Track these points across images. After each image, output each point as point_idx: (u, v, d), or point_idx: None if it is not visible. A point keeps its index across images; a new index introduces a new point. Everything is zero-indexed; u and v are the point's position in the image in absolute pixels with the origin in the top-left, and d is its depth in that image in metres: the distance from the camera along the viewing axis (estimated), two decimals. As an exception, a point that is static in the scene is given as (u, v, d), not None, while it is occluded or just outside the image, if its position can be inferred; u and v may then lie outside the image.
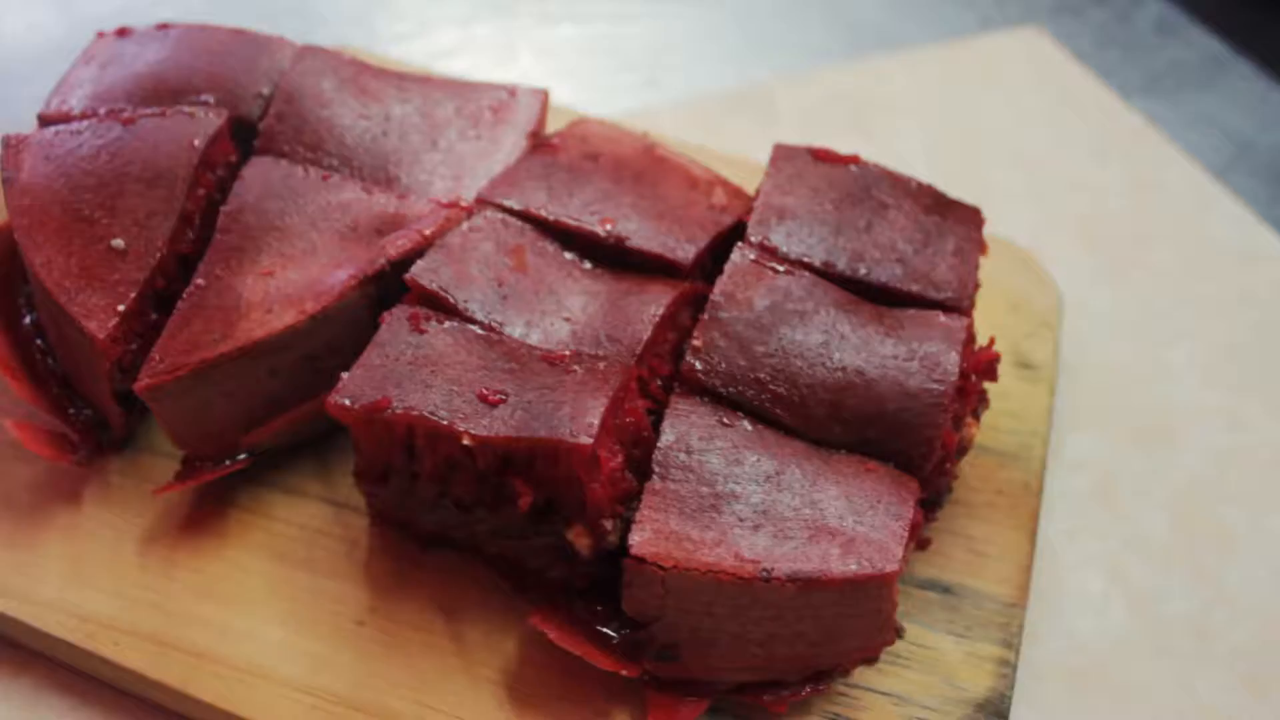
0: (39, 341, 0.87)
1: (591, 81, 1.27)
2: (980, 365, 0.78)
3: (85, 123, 0.87)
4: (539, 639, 0.77)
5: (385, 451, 0.73)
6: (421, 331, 0.76)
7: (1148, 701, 0.83)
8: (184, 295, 0.79)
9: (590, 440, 0.68)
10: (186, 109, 0.87)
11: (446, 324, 0.76)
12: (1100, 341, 1.05)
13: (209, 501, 0.83)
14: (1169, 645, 0.86)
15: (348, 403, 0.71)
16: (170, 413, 0.77)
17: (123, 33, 0.96)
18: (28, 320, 0.88)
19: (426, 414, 0.70)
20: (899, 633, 0.76)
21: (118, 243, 0.81)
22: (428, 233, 0.81)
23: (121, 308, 0.78)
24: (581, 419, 0.69)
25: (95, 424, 0.83)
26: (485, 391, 0.72)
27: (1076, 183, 1.18)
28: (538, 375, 0.74)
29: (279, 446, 0.83)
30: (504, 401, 0.71)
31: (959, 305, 0.81)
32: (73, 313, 0.78)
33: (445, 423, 0.70)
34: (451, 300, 0.78)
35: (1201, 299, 1.08)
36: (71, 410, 0.84)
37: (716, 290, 0.78)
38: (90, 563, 0.80)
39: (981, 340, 0.84)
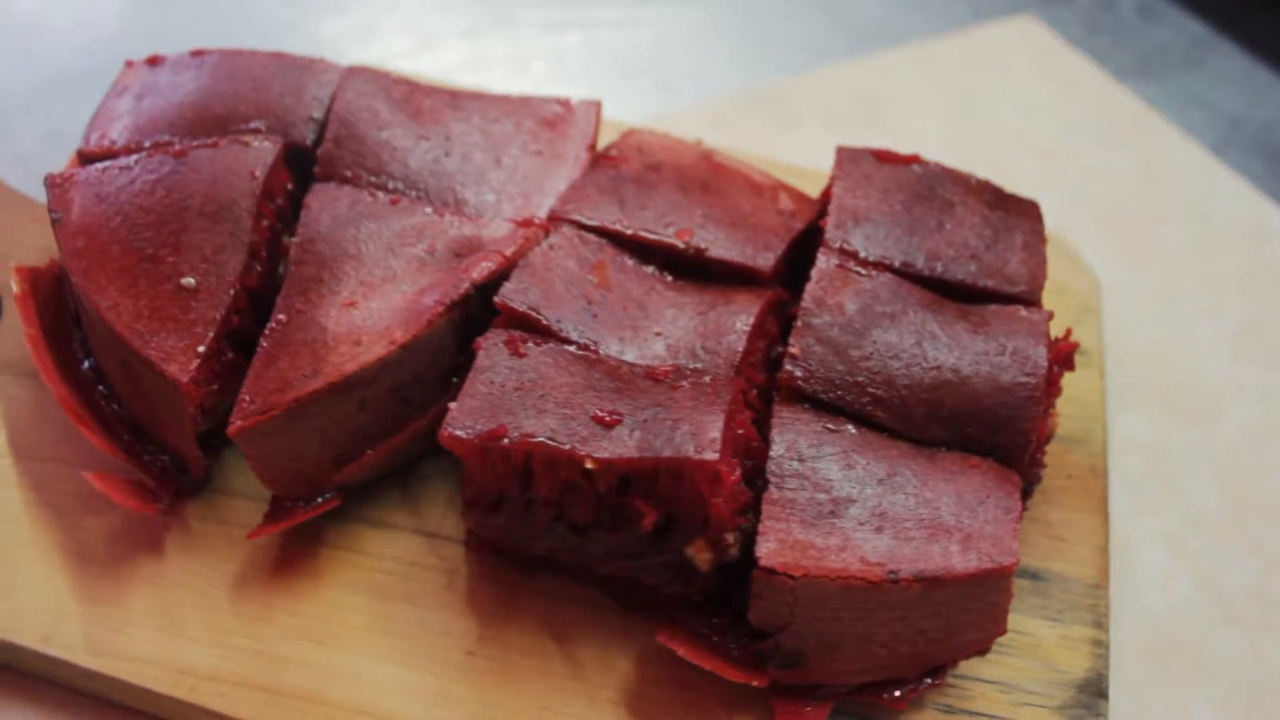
0: (100, 387, 0.84)
1: (604, 88, 1.27)
2: (1060, 355, 0.80)
3: (133, 158, 0.85)
4: (653, 656, 0.77)
5: (499, 481, 0.72)
6: (521, 355, 0.75)
7: (1222, 671, 0.86)
8: (266, 332, 0.77)
9: (716, 456, 0.68)
10: (240, 138, 0.85)
11: (544, 346, 0.76)
12: (1129, 323, 1.08)
13: (297, 541, 0.81)
14: (1235, 614, 0.89)
15: (462, 434, 0.70)
16: (262, 454, 0.76)
17: (154, 61, 0.93)
18: (85, 365, 0.85)
19: (546, 441, 0.70)
20: (1004, 622, 0.77)
21: (188, 281, 0.79)
22: (509, 253, 0.80)
23: (201, 348, 0.76)
24: (703, 435, 0.70)
25: (172, 469, 0.81)
26: (599, 413, 0.71)
27: (1089, 168, 1.21)
28: (645, 393, 0.73)
29: (363, 480, 0.82)
30: (619, 422, 0.71)
31: (1032, 298, 0.83)
32: (149, 356, 0.76)
33: (566, 448, 0.69)
34: (544, 321, 0.77)
35: (1219, 276, 1.12)
36: (146, 457, 0.81)
37: (806, 297, 0.79)
38: (182, 613, 0.78)
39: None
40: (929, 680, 0.75)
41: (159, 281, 0.79)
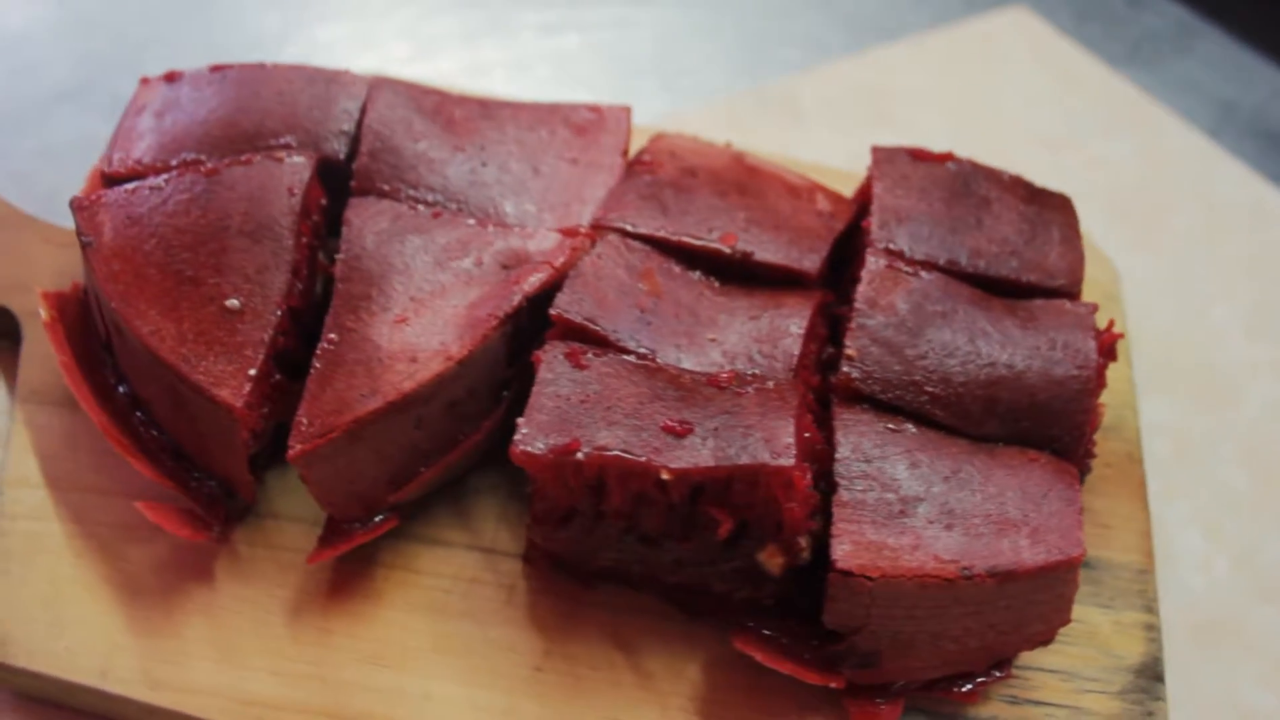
0: (138, 414, 0.82)
1: (607, 90, 1.27)
2: (1104, 347, 0.82)
3: (162, 178, 0.83)
4: (721, 662, 0.77)
5: (570, 495, 0.72)
6: (583, 367, 0.75)
7: (1265, 647, 0.88)
8: (318, 352, 0.76)
9: (791, 462, 0.69)
10: (273, 154, 0.83)
11: (605, 356, 0.75)
12: (1145, 310, 1.10)
13: (350, 563, 0.80)
14: (1273, 591, 0.91)
15: (535, 450, 0.70)
16: (321, 477, 0.75)
17: (171, 77, 0.92)
18: (120, 391, 0.83)
19: (620, 453, 0.69)
20: (1063, 612, 0.79)
21: (232, 302, 0.77)
22: (558, 264, 0.79)
23: (253, 371, 0.75)
24: (777, 441, 0.70)
25: (220, 495, 0.79)
26: (670, 423, 0.71)
27: (1094, 159, 1.23)
28: (711, 401, 0.73)
29: (416, 498, 0.81)
30: (691, 431, 0.71)
31: (1073, 291, 0.84)
32: (198, 382, 0.74)
33: (642, 460, 0.69)
34: (602, 331, 0.77)
35: (1227, 259, 1.15)
36: (192, 484, 0.80)
37: (859, 298, 0.79)
38: (240, 642, 0.77)
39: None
40: (996, 673, 0.76)
41: (202, 304, 0.78)
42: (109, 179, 0.86)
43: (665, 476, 0.69)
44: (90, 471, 0.84)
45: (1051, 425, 0.77)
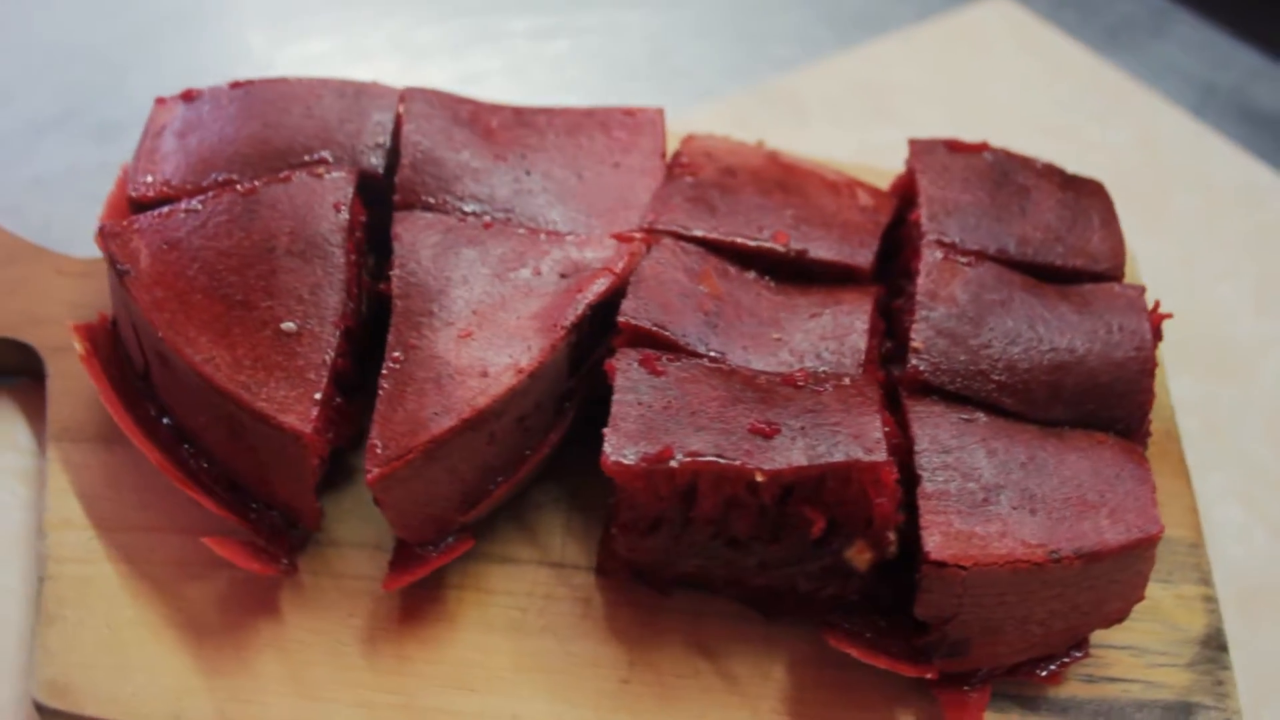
0: (186, 447, 0.80)
1: (604, 94, 1.26)
2: (1154, 327, 0.83)
3: (196, 200, 0.81)
4: (806, 661, 0.78)
5: (659, 503, 0.71)
6: (659, 373, 0.74)
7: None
8: (385, 372, 0.75)
9: (884, 457, 0.69)
10: (313, 170, 0.81)
11: (679, 361, 0.75)
12: (1155, 290, 1.12)
13: (420, 587, 0.79)
14: (1311, 559, 0.94)
15: (627, 460, 0.69)
16: (397, 500, 0.73)
17: (189, 96, 0.89)
18: (164, 423, 0.81)
19: (714, 458, 0.69)
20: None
21: (288, 325, 0.76)
22: (618, 269, 0.79)
23: (318, 395, 0.73)
24: (867, 437, 0.70)
25: (282, 525, 0.77)
26: (757, 424, 0.71)
27: (1091, 144, 1.26)
28: (791, 400, 0.74)
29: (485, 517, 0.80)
30: (778, 432, 0.71)
31: (1116, 274, 0.86)
32: (261, 410, 0.73)
33: (736, 463, 0.69)
34: (671, 336, 0.77)
35: (1228, 238, 1.18)
36: (253, 515, 0.77)
37: (920, 291, 0.80)
38: (315, 674, 0.75)
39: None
40: (1075, 653, 0.78)
41: (256, 328, 0.75)
42: (136, 204, 0.84)
43: (759, 479, 0.69)
44: (136, 510, 0.82)
45: (1115, 407, 0.79)
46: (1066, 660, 0.77)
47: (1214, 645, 0.82)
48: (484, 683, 0.76)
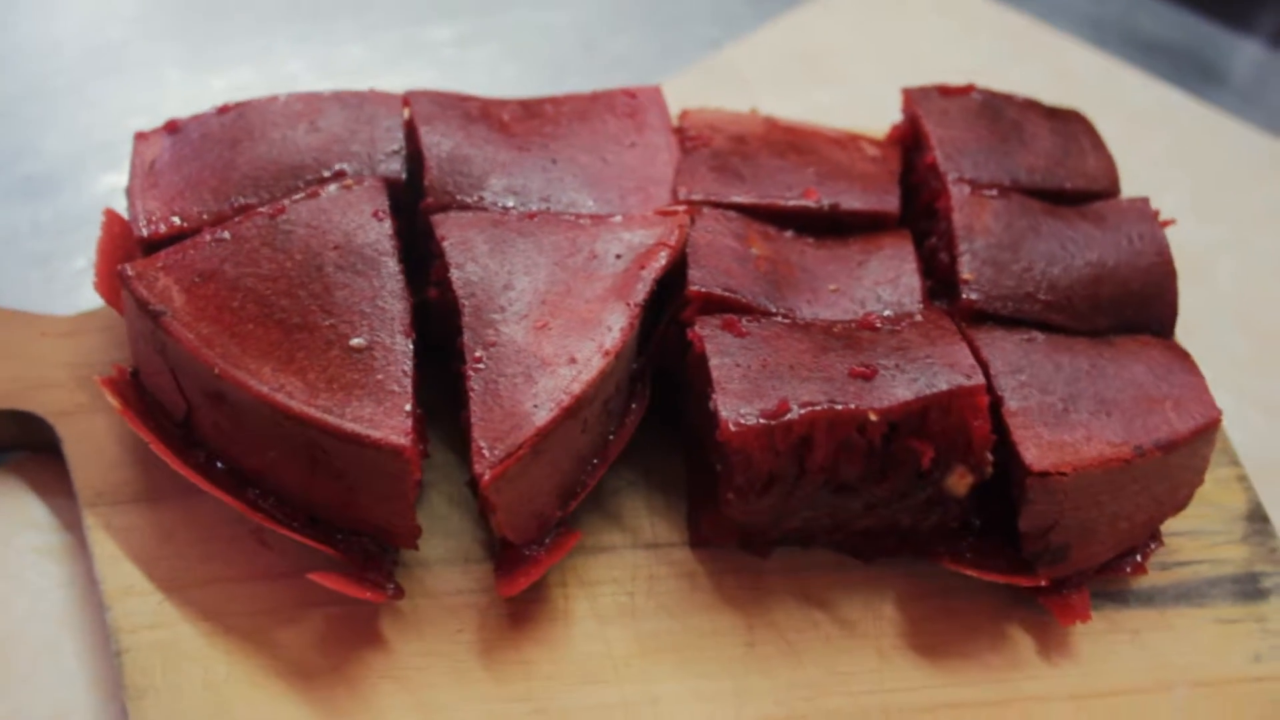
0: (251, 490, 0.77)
1: (548, 88, 1.26)
2: (1162, 232, 0.90)
3: (222, 230, 0.78)
4: (911, 597, 0.82)
5: (776, 459, 0.74)
6: (744, 334, 0.76)
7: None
8: (471, 374, 0.74)
9: (982, 380, 0.73)
10: (342, 182, 0.80)
11: (758, 321, 0.77)
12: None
13: (522, 591, 0.78)
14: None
15: (747, 421, 0.71)
16: (509, 501, 0.73)
17: (172, 128, 0.86)
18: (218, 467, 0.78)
19: (828, 405, 0.72)
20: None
21: (357, 341, 0.74)
22: (672, 243, 0.80)
23: (408, 407, 0.73)
24: (961, 364, 0.74)
25: (376, 550, 0.75)
26: (855, 369, 0.74)
27: (1013, 85, 1.29)
28: (875, 342, 0.77)
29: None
30: (876, 373, 0.74)
31: (1114, 191, 0.93)
32: (351, 431, 0.71)
33: (851, 407, 0.72)
34: (741, 299, 0.79)
35: (1157, 155, 1.28)
36: (341, 545, 0.75)
37: (957, 225, 0.85)
38: (441, 697, 0.74)
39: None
40: (1152, 545, 0.83)
41: (323, 349, 0.74)
42: (148, 244, 0.80)
43: (873, 418, 0.72)
44: (201, 564, 0.78)
45: (1148, 310, 0.85)
46: (1147, 550, 0.83)
47: (1259, 518, 0.89)
48: (613, 673, 0.76)
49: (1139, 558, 0.83)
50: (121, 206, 0.88)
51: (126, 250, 0.85)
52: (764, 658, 0.77)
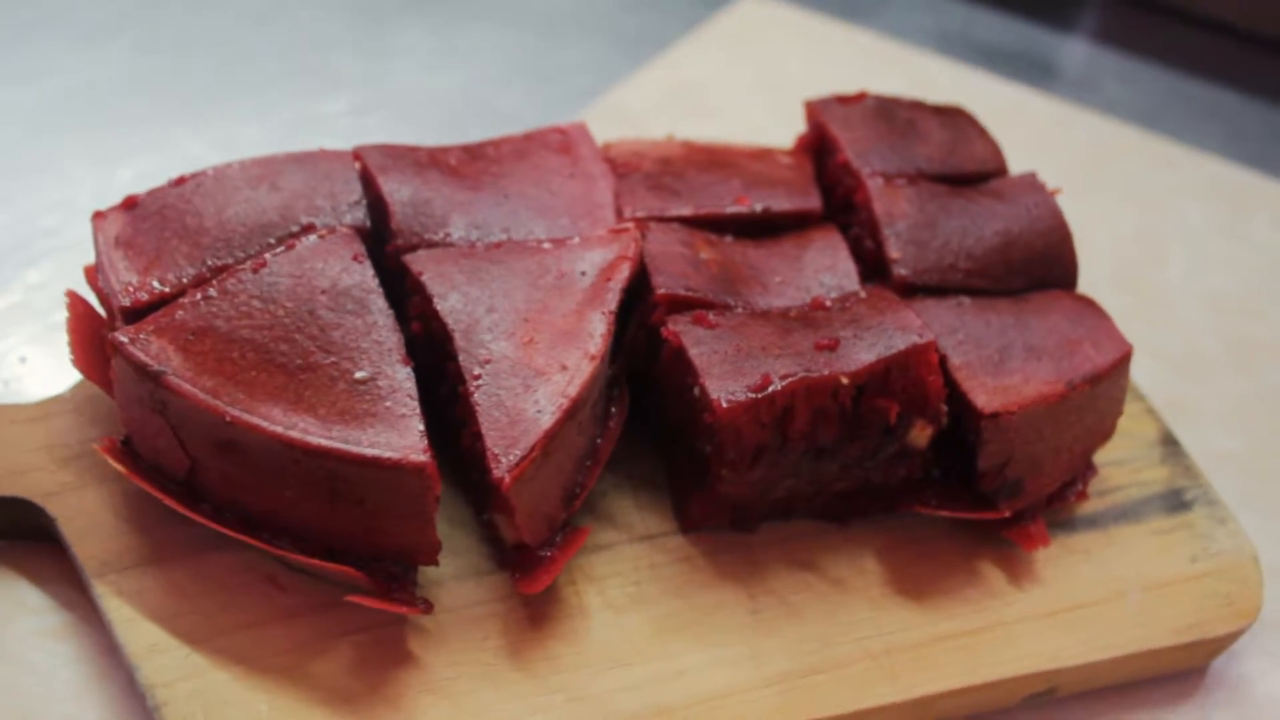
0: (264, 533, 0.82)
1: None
2: (1054, 198, 1.05)
3: (207, 289, 0.83)
4: (889, 548, 0.92)
5: (761, 431, 0.84)
6: (713, 326, 0.87)
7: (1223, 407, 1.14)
8: (470, 390, 0.82)
9: (933, 338, 0.85)
10: (317, 232, 0.87)
11: (724, 314, 0.88)
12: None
13: (530, 598, 0.85)
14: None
15: (739, 397, 0.81)
16: (526, 503, 0.80)
17: (129, 204, 0.91)
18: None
19: (804, 374, 0.82)
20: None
21: (361, 373, 0.81)
22: (630, 255, 0.89)
23: (420, 426, 0.80)
24: (911, 326, 0.86)
25: (399, 571, 0.81)
26: (819, 343, 0.85)
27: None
28: (829, 320, 0.88)
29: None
30: (839, 344, 0.85)
31: (1002, 171, 1.07)
32: (371, 456, 0.78)
33: (826, 374, 0.82)
34: (703, 297, 0.90)
35: (1026, 148, 1.44)
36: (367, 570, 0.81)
37: (878, 213, 0.97)
38: (479, 701, 0.81)
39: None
40: (1089, 473, 0.96)
41: (328, 385, 0.80)
42: (131, 312, 0.85)
43: (844, 381, 0.83)
44: (221, 613, 0.83)
45: (1053, 267, 0.99)
46: (1086, 478, 0.96)
47: (1170, 441, 1.04)
48: (637, 655, 0.83)
49: (1080, 486, 0.96)
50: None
51: (95, 328, 0.89)
52: (770, 621, 0.86)
